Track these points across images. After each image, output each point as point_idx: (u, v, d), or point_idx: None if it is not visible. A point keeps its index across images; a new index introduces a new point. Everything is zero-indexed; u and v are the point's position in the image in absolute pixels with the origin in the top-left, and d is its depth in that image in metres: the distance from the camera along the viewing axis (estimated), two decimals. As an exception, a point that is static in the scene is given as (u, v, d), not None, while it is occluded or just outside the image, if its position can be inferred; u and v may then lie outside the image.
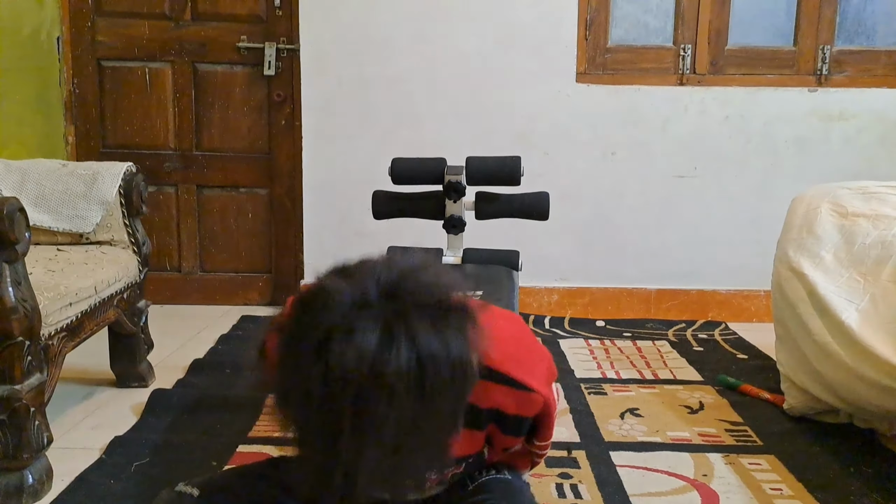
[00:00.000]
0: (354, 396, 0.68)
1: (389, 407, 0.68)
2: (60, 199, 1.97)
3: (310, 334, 0.72)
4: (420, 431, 0.70)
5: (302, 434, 0.73)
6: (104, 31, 2.99)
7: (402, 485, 0.73)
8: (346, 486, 0.70)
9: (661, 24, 2.96)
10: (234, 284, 3.15)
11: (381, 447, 0.69)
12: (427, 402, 0.70)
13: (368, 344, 0.69)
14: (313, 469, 0.72)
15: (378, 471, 0.70)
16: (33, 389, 1.45)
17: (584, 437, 1.84)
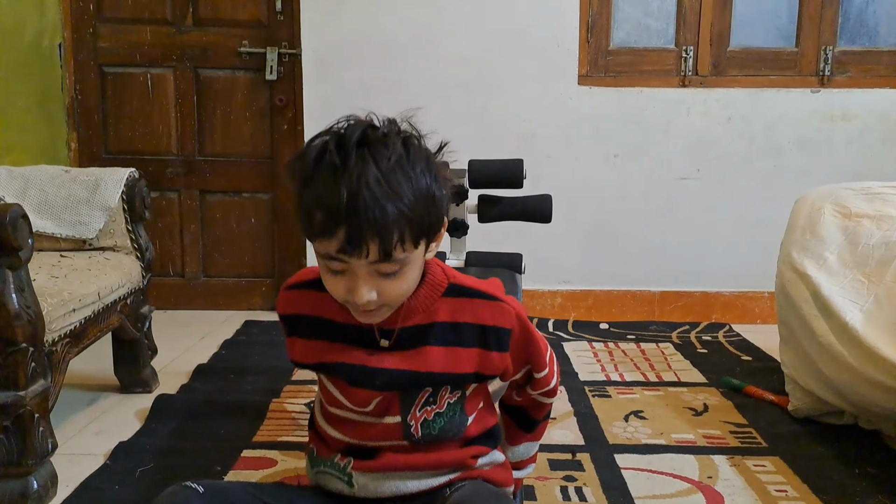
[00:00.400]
0: (357, 143, 0.93)
1: (382, 152, 0.92)
2: (63, 206, 1.98)
3: (327, 131, 0.96)
4: (405, 174, 0.93)
5: (315, 183, 0.93)
6: (106, 36, 3.00)
7: (392, 214, 0.90)
8: (350, 203, 0.89)
9: (663, 26, 2.96)
10: (238, 289, 3.15)
11: (377, 172, 0.90)
12: (408, 152, 0.95)
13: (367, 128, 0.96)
14: (324, 202, 0.91)
15: (374, 190, 0.89)
16: (37, 396, 1.45)
17: (588, 439, 1.84)
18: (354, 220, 0.89)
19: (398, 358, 1.04)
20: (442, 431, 1.07)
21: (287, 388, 2.15)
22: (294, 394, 2.11)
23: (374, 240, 0.90)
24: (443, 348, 1.04)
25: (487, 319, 1.05)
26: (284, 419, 1.94)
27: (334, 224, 0.90)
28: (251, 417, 1.93)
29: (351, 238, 0.90)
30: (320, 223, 0.92)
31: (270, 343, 2.64)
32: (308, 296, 1.08)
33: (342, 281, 0.96)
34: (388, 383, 1.04)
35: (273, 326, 2.87)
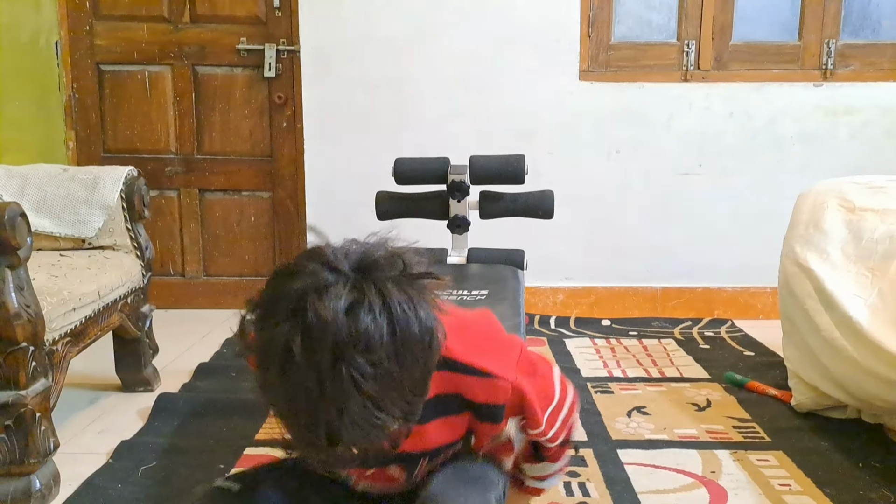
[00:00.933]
0: (332, 350, 0.74)
1: (365, 358, 0.75)
2: (62, 205, 1.97)
3: (286, 297, 0.78)
4: (395, 384, 0.77)
5: (285, 398, 0.78)
6: (103, 34, 2.99)
7: (381, 437, 0.79)
8: (330, 440, 0.77)
9: (665, 21, 2.95)
10: (239, 288, 3.14)
11: (361, 399, 0.74)
12: (399, 354, 0.77)
13: (342, 300, 0.76)
14: (301, 430, 0.79)
15: (359, 423, 0.76)
16: (39, 395, 1.44)
17: (591, 435, 1.83)
18: (333, 452, 0.79)
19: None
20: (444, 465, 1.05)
21: (289, 386, 2.15)
22: (296, 392, 2.10)
23: (356, 460, 0.86)
24: (435, 422, 0.98)
25: (479, 397, 0.98)
26: (286, 417, 1.93)
27: (311, 452, 0.85)
28: (253, 415, 1.92)
29: (327, 462, 0.86)
30: (295, 446, 0.86)
31: (272, 341, 2.63)
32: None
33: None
34: (384, 463, 1.01)
35: (274, 324, 2.86)
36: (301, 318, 0.76)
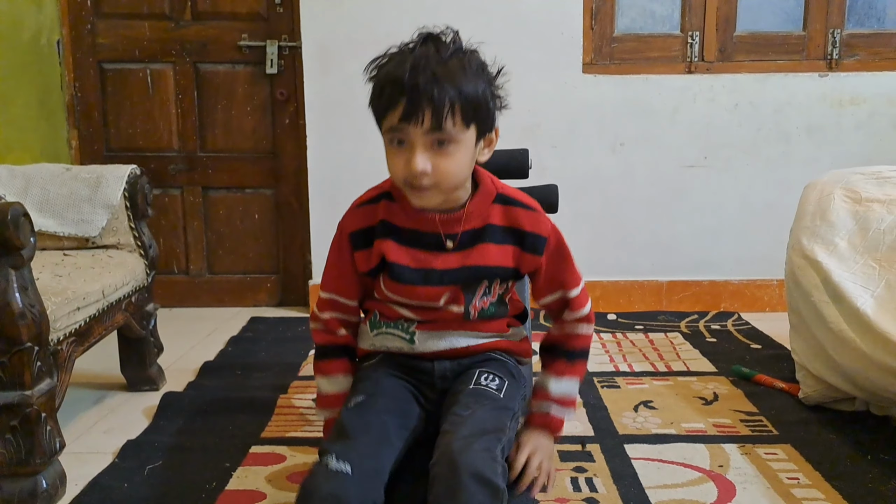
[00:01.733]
0: (426, 38, 1.13)
1: (446, 44, 1.13)
2: (65, 204, 1.96)
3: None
4: (463, 61, 1.13)
5: (388, 62, 1.13)
6: (104, 32, 2.99)
7: (451, 81, 1.08)
8: (412, 71, 1.07)
9: (668, 12, 2.93)
10: (243, 286, 3.14)
11: (439, 55, 1.10)
12: (465, 53, 1.15)
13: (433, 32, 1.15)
14: (394, 70, 1.10)
15: (437, 66, 1.08)
16: (44, 395, 1.44)
17: (598, 430, 1.82)
18: (414, 91, 1.06)
19: (461, 256, 1.20)
20: (491, 316, 1.26)
21: (294, 383, 2.14)
22: (301, 389, 2.10)
23: (428, 109, 1.07)
24: (495, 246, 1.21)
25: (527, 226, 1.21)
26: (292, 415, 1.93)
27: (398, 94, 1.08)
28: (259, 413, 1.92)
29: (410, 106, 1.07)
30: (387, 96, 1.09)
31: (277, 339, 2.63)
32: (378, 207, 1.23)
33: (402, 155, 1.11)
34: (452, 279, 1.20)
35: (279, 322, 2.86)
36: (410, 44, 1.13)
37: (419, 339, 1.24)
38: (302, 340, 2.60)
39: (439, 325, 1.24)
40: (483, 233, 1.20)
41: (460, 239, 1.19)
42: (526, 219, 1.21)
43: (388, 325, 1.26)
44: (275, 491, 1.53)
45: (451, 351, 1.24)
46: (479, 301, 1.23)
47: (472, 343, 1.25)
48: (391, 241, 1.20)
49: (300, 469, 1.62)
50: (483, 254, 1.20)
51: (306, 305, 3.08)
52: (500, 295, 1.26)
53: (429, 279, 1.20)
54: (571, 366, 1.28)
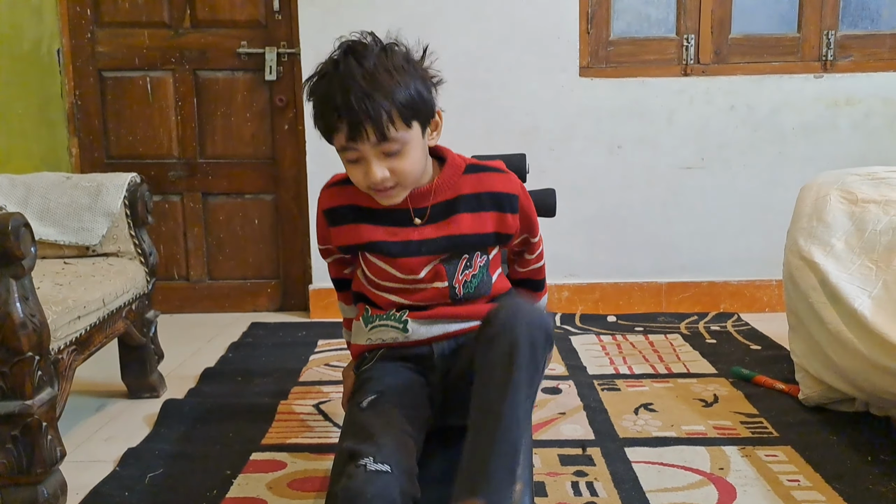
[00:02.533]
0: (345, 51, 1.18)
1: (366, 53, 1.17)
2: (66, 212, 1.97)
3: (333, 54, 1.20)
4: (387, 64, 1.17)
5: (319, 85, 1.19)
6: (104, 41, 3.00)
7: (381, 90, 1.14)
8: (343, 94, 1.13)
9: (664, 15, 2.94)
10: (243, 291, 3.15)
11: (363, 68, 1.15)
12: (387, 54, 1.18)
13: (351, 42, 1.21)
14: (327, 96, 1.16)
15: (363, 80, 1.14)
16: (45, 404, 1.45)
17: (598, 434, 1.83)
18: (350, 112, 1.13)
19: (435, 228, 1.28)
20: (476, 290, 1.33)
21: (295, 389, 2.15)
22: (302, 395, 2.10)
23: (368, 124, 1.13)
24: (470, 214, 1.29)
25: (500, 188, 1.31)
26: (293, 421, 1.93)
27: (336, 118, 1.15)
28: (260, 420, 1.92)
29: (351, 127, 1.14)
30: (327, 121, 1.17)
31: (277, 345, 2.64)
32: (347, 190, 1.31)
33: (360, 168, 1.20)
34: (431, 250, 1.29)
35: (280, 328, 2.87)
36: (329, 56, 1.20)
37: (412, 328, 1.31)
38: (302, 345, 2.60)
39: (429, 311, 1.31)
40: (456, 203, 1.29)
41: (430, 212, 1.28)
42: (498, 181, 1.32)
43: (381, 317, 1.33)
44: (276, 498, 1.54)
45: (445, 335, 1.32)
46: (461, 274, 1.31)
47: (465, 326, 1.31)
48: (365, 225, 1.30)
49: (301, 476, 1.63)
50: (458, 224, 1.29)
51: (307, 310, 3.09)
52: (481, 267, 1.33)
53: (408, 250, 1.28)
54: (539, 293, 1.51)
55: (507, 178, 1.33)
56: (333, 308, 3.01)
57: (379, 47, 1.19)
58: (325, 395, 2.11)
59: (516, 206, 1.32)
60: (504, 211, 1.31)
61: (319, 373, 2.31)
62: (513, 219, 1.32)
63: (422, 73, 1.22)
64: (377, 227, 1.29)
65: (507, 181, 1.32)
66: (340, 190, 1.33)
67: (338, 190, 1.34)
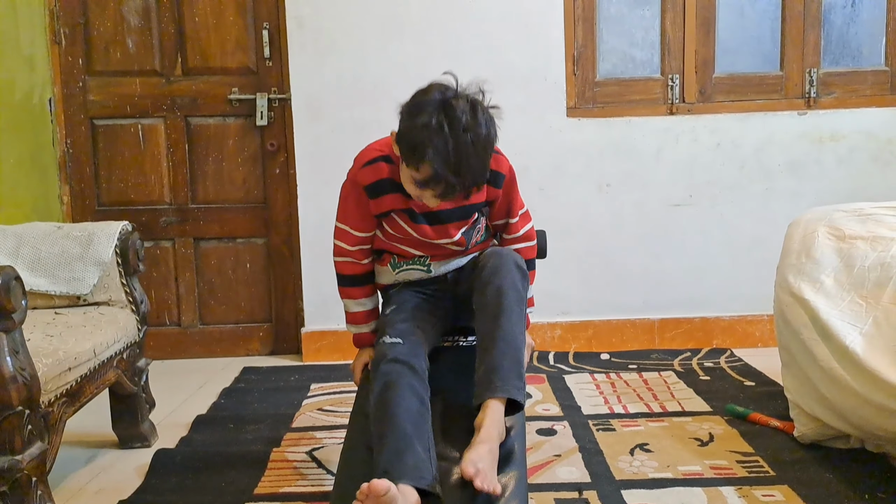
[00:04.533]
0: (465, 121, 1.39)
1: (478, 127, 1.40)
2: (57, 262, 1.97)
3: (431, 98, 1.44)
4: (488, 147, 1.44)
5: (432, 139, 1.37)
6: (96, 90, 3.03)
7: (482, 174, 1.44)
8: (456, 168, 1.37)
9: (648, 56, 3.00)
10: (235, 336, 3.13)
11: (475, 149, 1.39)
12: (489, 132, 1.43)
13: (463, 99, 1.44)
14: (440, 158, 1.37)
15: (475, 161, 1.39)
16: (35, 459, 1.43)
17: (594, 476, 1.82)
18: (454, 179, 1.38)
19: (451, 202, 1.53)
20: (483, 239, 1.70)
21: (288, 436, 2.13)
22: (295, 442, 2.08)
23: (459, 193, 1.42)
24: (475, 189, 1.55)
25: (492, 166, 1.54)
26: (286, 469, 1.91)
27: (439, 181, 1.39)
28: (252, 468, 1.90)
29: (445, 190, 1.41)
30: (428, 175, 1.39)
31: (270, 389, 2.62)
32: (380, 166, 1.56)
33: (419, 191, 1.45)
34: (451, 217, 1.60)
35: (272, 372, 2.85)
36: (444, 105, 1.41)
37: (434, 267, 1.65)
38: (295, 390, 2.59)
39: (448, 254, 1.65)
40: None
41: None
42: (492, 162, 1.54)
43: (407, 263, 1.64)
44: (269, 549, 1.52)
45: (458, 267, 1.67)
46: (475, 236, 1.66)
47: (470, 257, 1.68)
48: (398, 196, 1.55)
49: (295, 525, 1.61)
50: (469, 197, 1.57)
51: (299, 353, 3.07)
52: (485, 230, 1.69)
53: (435, 219, 1.59)
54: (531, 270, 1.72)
55: (497, 159, 1.57)
56: (326, 351, 3.00)
57: (484, 114, 1.43)
58: (318, 441, 2.09)
59: (500, 182, 1.61)
60: (489, 184, 1.58)
61: (312, 418, 2.29)
62: (495, 192, 1.61)
63: (496, 136, 1.47)
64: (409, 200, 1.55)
65: (496, 161, 1.57)
66: (376, 167, 1.56)
67: (374, 168, 1.57)
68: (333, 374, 2.74)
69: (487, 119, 1.41)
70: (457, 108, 1.37)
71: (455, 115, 1.36)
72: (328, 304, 2.96)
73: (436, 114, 1.37)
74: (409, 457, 1.30)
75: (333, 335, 2.97)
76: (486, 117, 1.41)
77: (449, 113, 1.37)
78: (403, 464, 1.27)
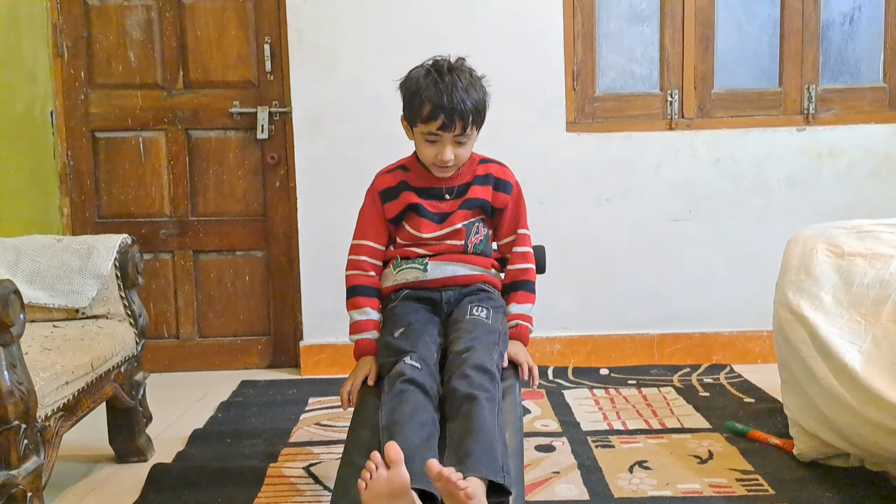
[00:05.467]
0: (448, 67, 1.63)
1: (462, 71, 1.63)
2: (56, 275, 1.97)
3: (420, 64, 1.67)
4: (476, 83, 1.64)
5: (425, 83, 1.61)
6: (97, 102, 3.04)
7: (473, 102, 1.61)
8: (449, 97, 1.57)
9: (647, 72, 3.01)
10: (234, 348, 3.13)
11: (461, 82, 1.60)
12: (473, 76, 1.65)
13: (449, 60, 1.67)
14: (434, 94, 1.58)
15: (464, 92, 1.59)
16: (30, 474, 1.42)
17: (593, 494, 1.81)
18: (450, 112, 1.57)
19: (458, 200, 1.72)
20: (481, 252, 1.75)
21: (285, 451, 2.12)
22: (292, 457, 2.08)
23: (459, 123, 1.59)
24: (479, 186, 1.73)
25: (499, 174, 1.76)
26: (282, 485, 1.90)
27: (438, 113, 1.58)
28: (249, 484, 1.89)
29: (446, 121, 1.58)
30: (428, 113, 1.59)
31: (268, 403, 2.61)
32: (397, 174, 1.76)
33: (434, 148, 1.63)
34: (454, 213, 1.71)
35: (270, 385, 2.84)
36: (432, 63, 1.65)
37: (431, 268, 1.70)
38: (293, 403, 2.58)
39: (445, 256, 1.71)
40: (472, 182, 1.73)
41: (457, 189, 1.72)
42: (497, 170, 1.76)
43: (408, 261, 1.72)
44: (266, 566, 1.51)
45: (453, 279, 1.71)
46: (473, 237, 1.73)
47: (469, 272, 1.72)
48: (412, 194, 1.71)
49: (291, 542, 1.60)
50: (473, 192, 1.72)
51: (297, 367, 3.07)
52: (485, 235, 1.76)
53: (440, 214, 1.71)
54: (529, 294, 1.78)
55: (504, 169, 1.77)
56: (324, 364, 2.99)
57: (468, 68, 1.65)
58: (315, 456, 2.08)
59: (509, 189, 1.75)
60: (498, 189, 1.74)
61: (310, 433, 2.28)
62: (504, 197, 1.74)
63: (486, 94, 1.66)
64: (420, 199, 1.71)
65: (503, 171, 1.77)
66: (393, 175, 1.76)
67: (391, 176, 1.76)
68: (332, 387, 2.73)
69: (472, 71, 1.65)
70: (441, 61, 1.63)
71: (440, 63, 1.62)
72: (327, 317, 2.95)
73: (423, 69, 1.63)
74: (417, 463, 1.30)
75: (332, 349, 2.97)
76: (471, 70, 1.65)
77: (435, 65, 1.63)
78: (410, 468, 1.27)
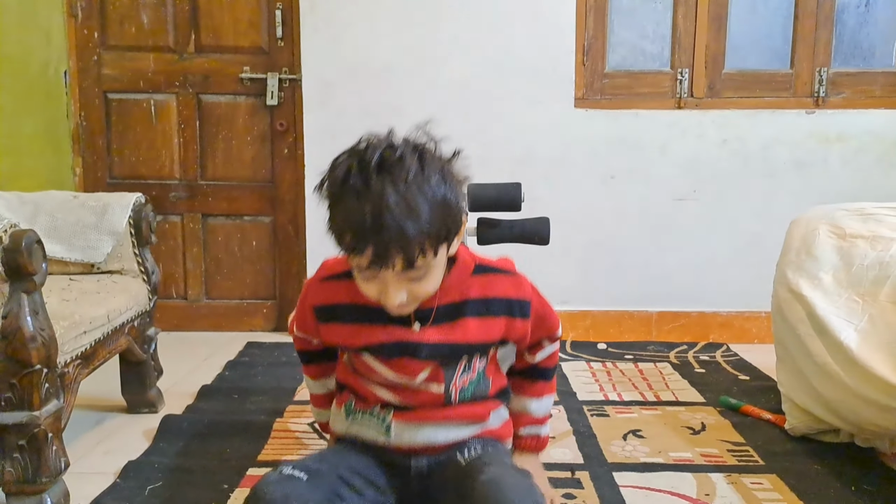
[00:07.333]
0: (378, 164, 1.04)
1: (401, 167, 1.03)
2: (72, 231, 2.01)
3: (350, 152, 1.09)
4: (422, 184, 1.04)
5: (344, 196, 1.05)
6: (110, 64, 3.06)
7: (417, 219, 1.01)
8: (374, 219, 1.00)
9: (658, 50, 3.02)
10: (240, 311, 3.18)
11: (396, 191, 1.01)
12: (423, 167, 1.05)
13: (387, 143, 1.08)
14: (354, 215, 1.02)
15: (397, 207, 1.00)
16: (51, 416, 1.48)
17: (587, 458, 1.86)
18: (379, 238, 1.01)
19: (438, 332, 1.19)
20: (472, 395, 1.26)
21: (290, 407, 2.18)
22: (297, 413, 2.13)
23: (398, 254, 1.02)
24: (476, 319, 1.21)
25: (511, 293, 1.24)
26: (288, 438, 1.96)
27: (362, 243, 1.03)
28: (255, 437, 1.95)
29: (377, 254, 1.02)
30: (350, 242, 1.05)
31: (273, 364, 2.67)
32: (342, 285, 1.21)
33: (374, 285, 1.09)
34: (432, 354, 1.19)
35: (275, 347, 2.90)
36: (358, 154, 1.07)
37: (395, 431, 1.21)
38: (297, 365, 2.59)
39: (418, 412, 1.21)
40: (463, 307, 1.20)
41: (435, 314, 1.18)
42: (509, 286, 1.25)
43: (364, 413, 1.24)
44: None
45: (428, 448, 1.22)
46: (459, 379, 1.22)
47: (451, 437, 1.22)
48: (365, 326, 1.19)
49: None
50: (464, 329, 1.20)
51: (302, 332, 3.12)
52: (480, 371, 1.26)
53: (408, 352, 1.18)
54: (549, 384, 1.39)
55: (517, 282, 1.26)
56: (329, 329, 3.04)
57: (415, 161, 1.05)
58: (320, 414, 2.14)
59: (528, 311, 1.26)
60: (514, 316, 1.24)
61: (315, 393, 2.34)
62: (523, 324, 1.26)
63: (455, 183, 1.10)
64: (375, 328, 1.19)
65: (518, 286, 1.25)
66: (336, 285, 1.23)
67: (333, 285, 1.24)
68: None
69: (425, 157, 1.08)
70: (369, 151, 1.06)
71: (366, 156, 1.05)
72: (333, 283, 3.00)
73: (346, 163, 1.07)
74: None
75: (337, 314, 3.02)
76: (423, 157, 1.08)
77: (360, 160, 1.05)
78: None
